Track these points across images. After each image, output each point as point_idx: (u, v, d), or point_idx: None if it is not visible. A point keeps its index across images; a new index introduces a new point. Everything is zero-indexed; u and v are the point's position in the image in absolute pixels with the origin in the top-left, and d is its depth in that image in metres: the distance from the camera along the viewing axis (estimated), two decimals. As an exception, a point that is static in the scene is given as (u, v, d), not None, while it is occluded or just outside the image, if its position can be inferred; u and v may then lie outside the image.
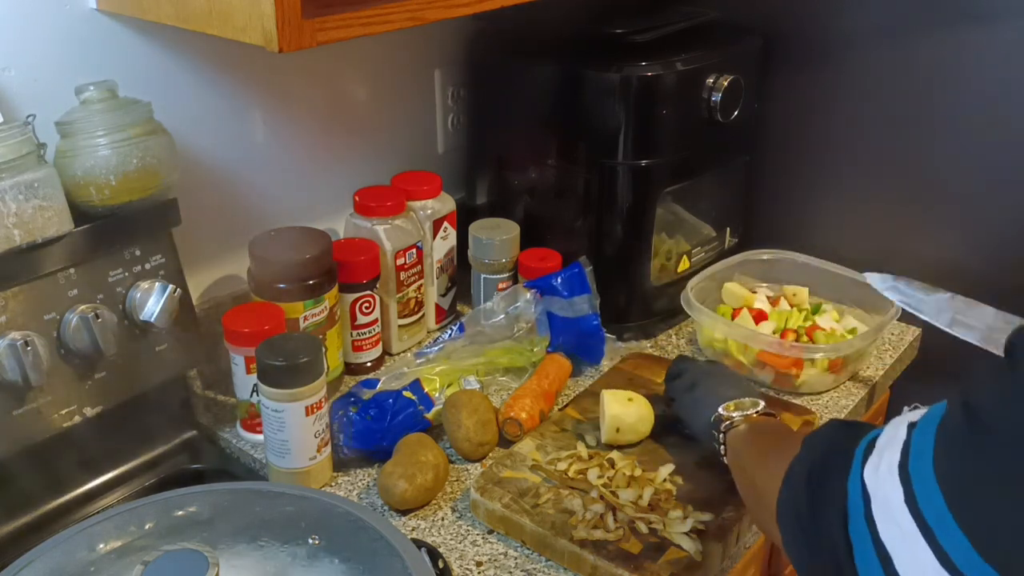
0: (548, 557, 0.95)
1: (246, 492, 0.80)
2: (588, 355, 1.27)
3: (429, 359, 1.19)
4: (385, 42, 1.32)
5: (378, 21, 0.89)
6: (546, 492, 1.00)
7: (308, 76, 1.25)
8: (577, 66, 1.25)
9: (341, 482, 1.06)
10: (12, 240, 0.88)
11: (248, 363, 1.06)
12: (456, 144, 1.48)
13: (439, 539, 0.98)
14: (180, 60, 1.10)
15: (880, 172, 1.38)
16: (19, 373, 0.90)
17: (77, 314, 0.94)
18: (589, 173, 1.28)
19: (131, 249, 0.99)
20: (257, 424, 1.08)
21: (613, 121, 1.23)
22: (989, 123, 1.26)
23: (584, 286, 1.24)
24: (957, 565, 0.55)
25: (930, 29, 1.27)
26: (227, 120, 1.17)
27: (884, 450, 0.63)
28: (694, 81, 1.26)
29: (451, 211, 1.32)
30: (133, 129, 0.94)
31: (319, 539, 0.71)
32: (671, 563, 0.91)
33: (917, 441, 0.60)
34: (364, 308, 1.21)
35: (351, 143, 1.34)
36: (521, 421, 1.10)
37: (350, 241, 1.24)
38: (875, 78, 1.34)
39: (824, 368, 1.21)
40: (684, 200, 1.34)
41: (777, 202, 1.49)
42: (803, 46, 1.40)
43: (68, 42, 1.00)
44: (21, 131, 0.88)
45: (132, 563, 0.65)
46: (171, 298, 1.00)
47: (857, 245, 1.41)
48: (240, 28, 0.84)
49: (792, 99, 1.43)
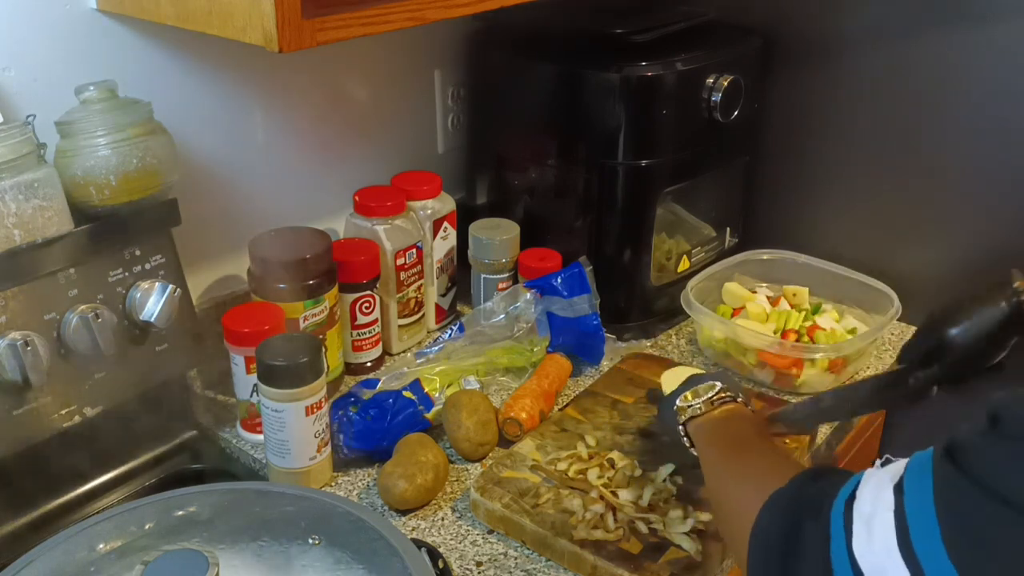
0: (548, 557, 0.95)
1: (246, 492, 0.80)
2: (588, 355, 1.27)
3: (429, 359, 1.19)
4: (385, 42, 1.32)
5: (378, 21, 0.89)
6: (546, 492, 1.00)
7: (308, 76, 1.25)
8: (577, 66, 1.25)
9: (341, 482, 1.06)
10: (12, 240, 0.88)
11: (248, 363, 1.06)
12: (456, 144, 1.48)
13: (439, 539, 0.98)
14: (180, 60, 1.10)
15: (880, 172, 1.38)
16: (19, 373, 0.90)
17: (77, 314, 0.94)
18: (589, 173, 1.28)
19: (131, 249, 0.99)
20: (257, 424, 1.08)
21: (613, 121, 1.23)
22: (989, 123, 1.26)
23: (584, 286, 1.24)
24: None
25: (929, 29, 1.27)
26: (227, 120, 1.17)
27: (872, 521, 0.57)
28: (694, 81, 1.26)
29: (451, 211, 1.32)
30: (133, 129, 0.94)
31: (319, 539, 0.71)
32: (671, 563, 0.91)
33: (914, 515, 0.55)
34: (364, 308, 1.21)
35: (351, 143, 1.34)
36: (521, 421, 1.10)
37: (350, 241, 1.24)
38: (875, 78, 1.34)
39: (824, 368, 1.21)
40: (684, 200, 1.34)
41: (777, 202, 1.49)
42: (803, 46, 1.40)
43: (68, 42, 1.00)
44: (21, 131, 0.88)
45: (132, 563, 0.65)
46: (171, 298, 1.00)
47: (857, 245, 1.41)
48: (240, 28, 0.84)
49: (792, 99, 1.43)
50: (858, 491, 0.60)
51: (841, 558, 0.57)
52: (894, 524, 0.55)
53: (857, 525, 0.58)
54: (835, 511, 0.60)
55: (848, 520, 0.58)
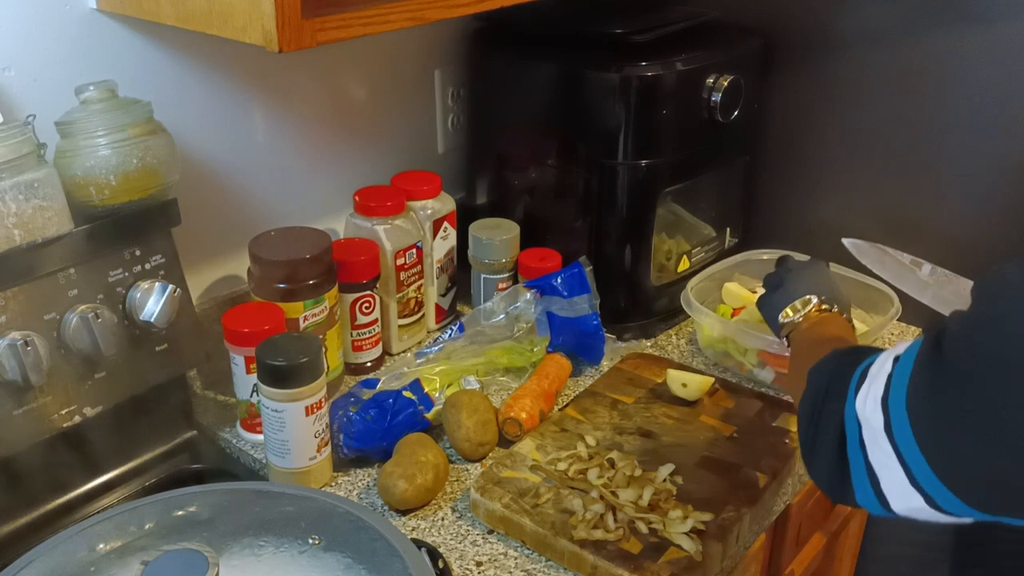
0: (548, 557, 0.95)
1: (246, 492, 0.80)
2: (588, 355, 1.27)
3: (429, 359, 1.19)
4: (385, 42, 1.32)
5: (378, 21, 0.89)
6: (546, 492, 1.00)
7: (308, 76, 1.25)
8: (577, 66, 1.25)
9: (341, 482, 1.06)
10: (12, 240, 0.88)
11: (248, 363, 1.06)
12: (456, 144, 1.48)
13: (439, 539, 0.98)
14: (180, 60, 1.10)
15: (880, 172, 1.38)
16: (19, 373, 0.90)
17: (77, 314, 0.94)
18: (589, 173, 1.28)
19: (131, 249, 0.99)
20: (257, 424, 1.08)
21: (613, 121, 1.23)
22: (989, 123, 1.26)
23: (584, 286, 1.24)
24: (922, 485, 0.67)
25: (930, 29, 1.27)
26: (227, 120, 1.17)
27: (873, 380, 0.72)
28: (694, 81, 1.26)
29: (451, 211, 1.32)
30: (133, 129, 0.94)
31: (319, 539, 0.71)
32: (671, 563, 0.91)
33: (897, 374, 0.70)
34: (364, 308, 1.21)
35: (351, 143, 1.34)
36: (521, 421, 1.10)
37: (350, 241, 1.24)
38: (875, 78, 1.34)
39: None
40: (684, 200, 1.34)
41: (777, 202, 1.49)
42: (803, 46, 1.40)
43: (68, 42, 1.00)
44: (21, 131, 0.88)
45: (132, 563, 0.65)
46: (171, 298, 1.00)
47: (857, 245, 1.41)
48: (240, 28, 0.84)
49: (792, 99, 1.43)
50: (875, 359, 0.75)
51: (851, 410, 0.74)
52: (883, 384, 0.71)
53: (864, 384, 0.73)
54: (855, 375, 0.75)
55: (860, 381, 0.74)
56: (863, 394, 0.73)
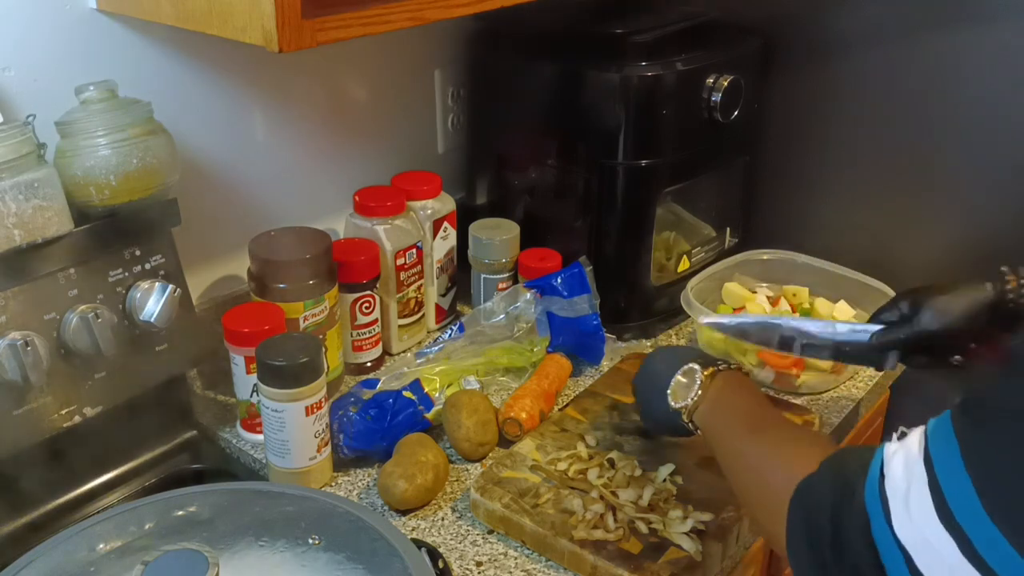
0: (548, 557, 0.95)
1: (246, 492, 0.80)
2: (588, 355, 1.27)
3: (429, 359, 1.19)
4: (385, 42, 1.32)
5: (378, 21, 0.89)
6: (546, 492, 1.00)
7: (308, 76, 1.25)
8: (577, 66, 1.25)
9: (341, 482, 1.06)
10: (12, 240, 0.88)
11: (248, 363, 1.06)
12: (456, 144, 1.48)
13: (439, 539, 0.98)
14: (180, 60, 1.10)
15: (880, 172, 1.38)
16: (19, 373, 0.90)
17: (77, 314, 0.94)
18: (589, 173, 1.28)
19: (131, 249, 0.99)
20: (257, 424, 1.08)
21: (613, 121, 1.23)
22: (989, 123, 1.26)
23: (584, 286, 1.24)
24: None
25: (929, 29, 1.27)
26: (227, 120, 1.17)
27: (908, 496, 0.58)
28: (694, 81, 1.26)
29: (451, 211, 1.32)
30: (133, 129, 0.94)
31: (319, 539, 0.71)
32: (671, 563, 0.91)
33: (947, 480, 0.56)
34: (364, 308, 1.21)
35: (351, 143, 1.34)
36: (521, 421, 1.10)
37: (350, 241, 1.24)
38: (875, 78, 1.34)
39: (825, 368, 1.21)
40: (684, 200, 1.34)
41: (777, 202, 1.49)
42: (803, 46, 1.40)
43: (68, 42, 1.00)
44: (21, 131, 0.88)
45: (132, 563, 0.65)
46: (171, 298, 1.00)
47: (857, 245, 1.41)
48: (240, 28, 0.84)
49: (792, 99, 1.43)
50: (885, 469, 0.61)
51: (885, 538, 0.58)
52: (930, 495, 0.56)
53: (893, 503, 0.59)
54: (869, 494, 0.61)
55: (884, 500, 0.59)
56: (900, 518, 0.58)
